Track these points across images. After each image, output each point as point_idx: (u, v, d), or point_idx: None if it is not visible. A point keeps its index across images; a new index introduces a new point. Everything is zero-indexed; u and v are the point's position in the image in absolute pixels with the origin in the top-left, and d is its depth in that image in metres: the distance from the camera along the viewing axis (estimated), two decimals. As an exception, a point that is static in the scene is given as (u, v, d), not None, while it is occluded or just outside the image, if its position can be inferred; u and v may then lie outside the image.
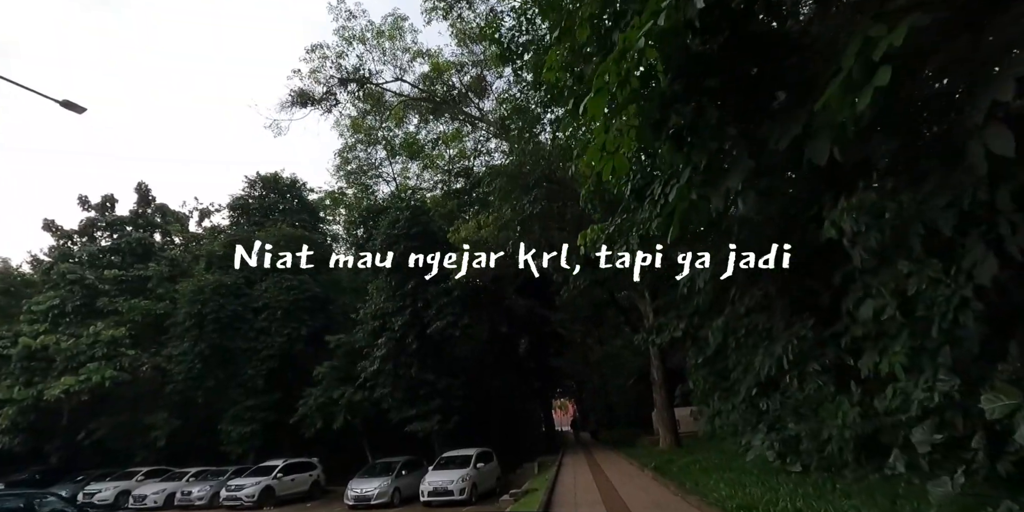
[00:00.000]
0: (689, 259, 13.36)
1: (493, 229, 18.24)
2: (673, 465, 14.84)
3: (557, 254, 21.76)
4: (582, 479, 15.36)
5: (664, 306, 18.09)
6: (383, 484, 20.56)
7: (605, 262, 19.29)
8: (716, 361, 15.40)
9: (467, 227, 19.85)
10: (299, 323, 28.04)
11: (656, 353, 20.28)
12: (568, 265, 24.02)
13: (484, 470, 20.83)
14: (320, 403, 25.93)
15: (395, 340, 23.78)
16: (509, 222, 17.01)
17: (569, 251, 20.10)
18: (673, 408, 19.82)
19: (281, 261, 24.22)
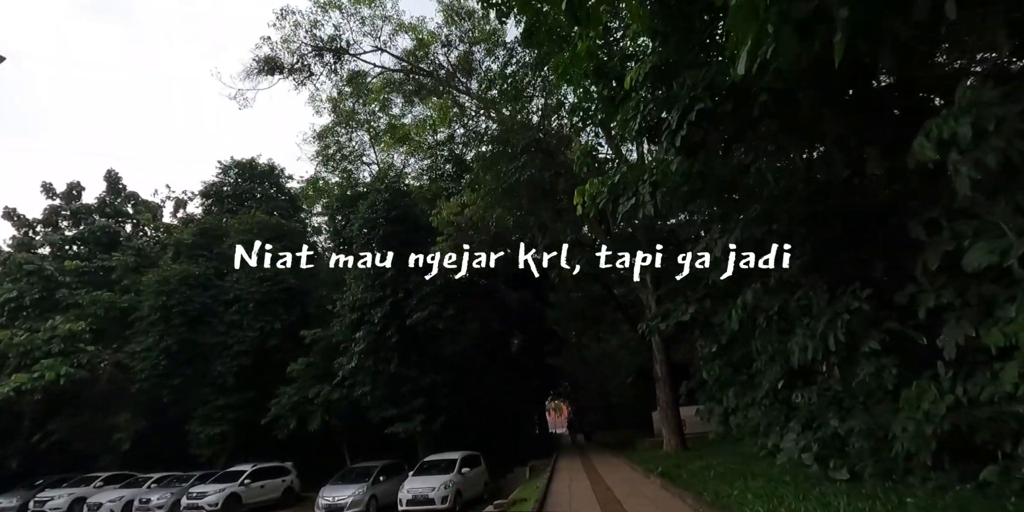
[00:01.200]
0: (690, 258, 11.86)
1: (478, 208, 16.28)
2: (682, 470, 12.90)
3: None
4: (578, 487, 13.38)
5: (670, 293, 16.17)
6: (358, 491, 18.61)
7: (606, 262, 17.69)
8: (732, 350, 13.47)
9: (449, 206, 17.93)
10: (273, 317, 25.98)
11: (659, 346, 18.36)
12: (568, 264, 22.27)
13: (470, 476, 18.88)
14: (294, 402, 23.89)
15: (374, 334, 21.77)
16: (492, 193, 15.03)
17: (570, 249, 18.49)
18: (678, 407, 17.87)
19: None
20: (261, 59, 20.26)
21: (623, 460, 18.35)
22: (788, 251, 9.19)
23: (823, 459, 8.74)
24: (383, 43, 22.96)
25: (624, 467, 16.75)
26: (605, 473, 15.50)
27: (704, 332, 14.44)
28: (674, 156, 6.81)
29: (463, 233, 18.88)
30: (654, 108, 6.88)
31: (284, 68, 20.78)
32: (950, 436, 6.14)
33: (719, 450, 15.47)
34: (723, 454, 14.47)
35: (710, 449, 16.14)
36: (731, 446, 15.46)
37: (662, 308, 14.32)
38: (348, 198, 23.57)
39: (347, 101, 28.22)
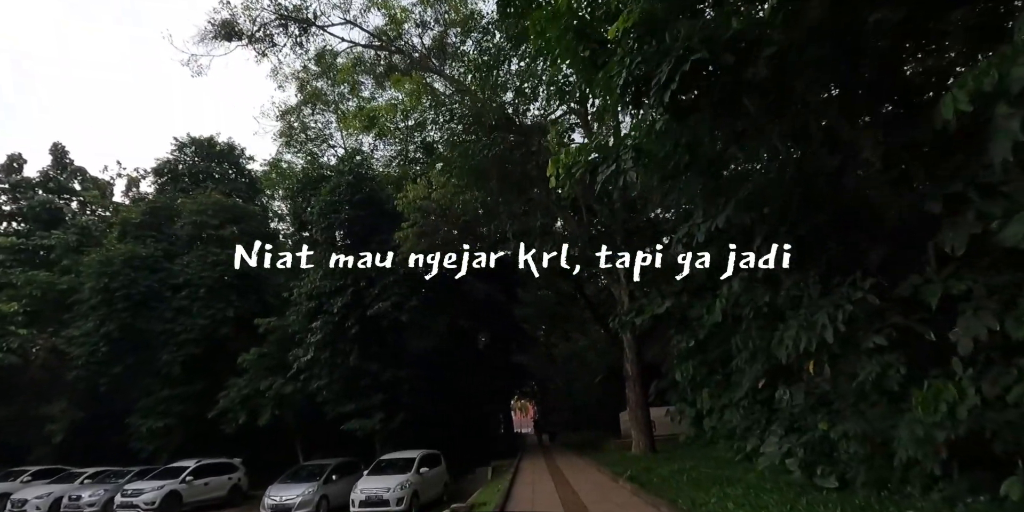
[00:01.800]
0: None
1: (447, 191, 15.23)
2: (653, 475, 12.09)
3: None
4: (542, 491, 12.47)
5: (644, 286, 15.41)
6: (307, 491, 17.47)
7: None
8: (709, 347, 12.71)
9: (415, 188, 16.81)
10: (225, 304, 24.47)
11: (630, 343, 17.58)
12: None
13: (428, 476, 17.87)
14: (244, 395, 22.50)
15: (333, 324, 20.54)
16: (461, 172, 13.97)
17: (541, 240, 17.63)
18: (648, 407, 17.12)
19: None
20: (218, 23, 18.81)
21: (590, 462, 17.52)
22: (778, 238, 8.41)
23: (809, 465, 7.98)
24: (353, 17, 21.69)
25: (591, 469, 15.90)
26: (571, 476, 14.62)
27: (680, 328, 13.69)
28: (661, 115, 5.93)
29: (430, 219, 17.79)
30: (642, 62, 5.99)
31: (243, 35, 19.36)
32: (964, 443, 5.38)
33: (690, 453, 14.75)
34: (695, 457, 13.74)
35: (681, 452, 15.42)
36: (703, 449, 14.74)
37: (636, 303, 13.51)
38: (310, 180, 22.25)
39: (314, 81, 26.83)
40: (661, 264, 12.90)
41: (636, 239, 14.04)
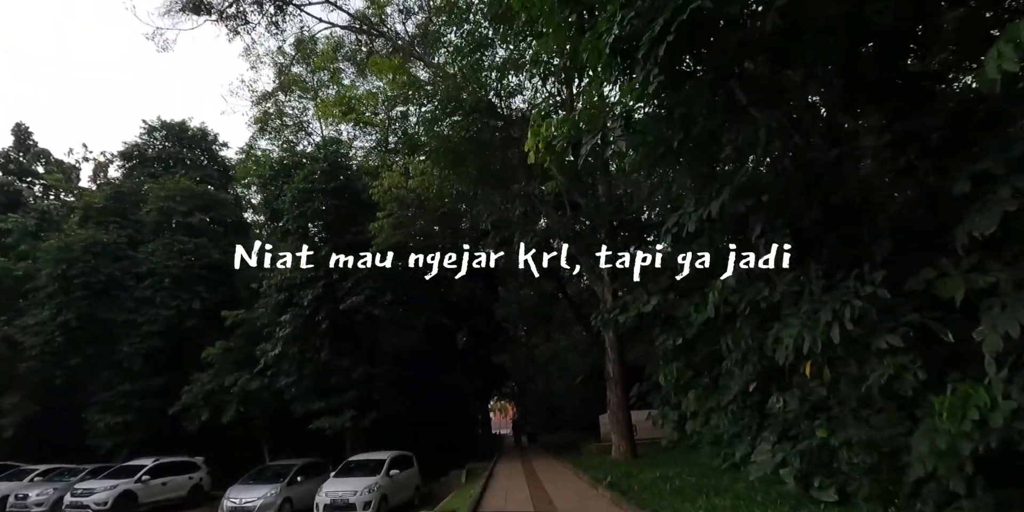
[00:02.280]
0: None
1: (424, 179, 14.38)
2: (634, 481, 11.37)
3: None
4: (516, 498, 11.69)
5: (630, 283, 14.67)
6: (270, 493, 16.60)
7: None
8: (696, 348, 12.04)
9: (391, 176, 15.95)
10: (192, 295, 23.35)
11: (613, 344, 16.87)
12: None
13: (399, 478, 17.04)
14: (208, 391, 21.43)
15: (302, 318, 19.58)
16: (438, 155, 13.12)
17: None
18: (629, 410, 16.41)
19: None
20: (186, -8, 17.76)
21: (568, 466, 16.77)
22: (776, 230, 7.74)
23: (805, 476, 7.29)
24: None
25: (568, 474, 15.16)
26: (547, 481, 13.85)
27: (665, 327, 12.99)
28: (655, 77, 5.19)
29: (406, 210, 16.94)
30: (635, 17, 5.24)
31: (212, 9, 18.34)
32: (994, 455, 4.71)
33: (673, 459, 14.07)
34: (678, 463, 13.07)
35: (662, 457, 14.74)
36: (685, 454, 14.07)
37: (620, 301, 12.79)
38: (284, 168, 21.27)
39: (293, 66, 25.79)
40: (661, 265, 12.18)
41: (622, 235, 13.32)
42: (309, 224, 19.76)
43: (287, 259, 19.28)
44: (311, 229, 20.21)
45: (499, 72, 13.51)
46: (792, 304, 7.28)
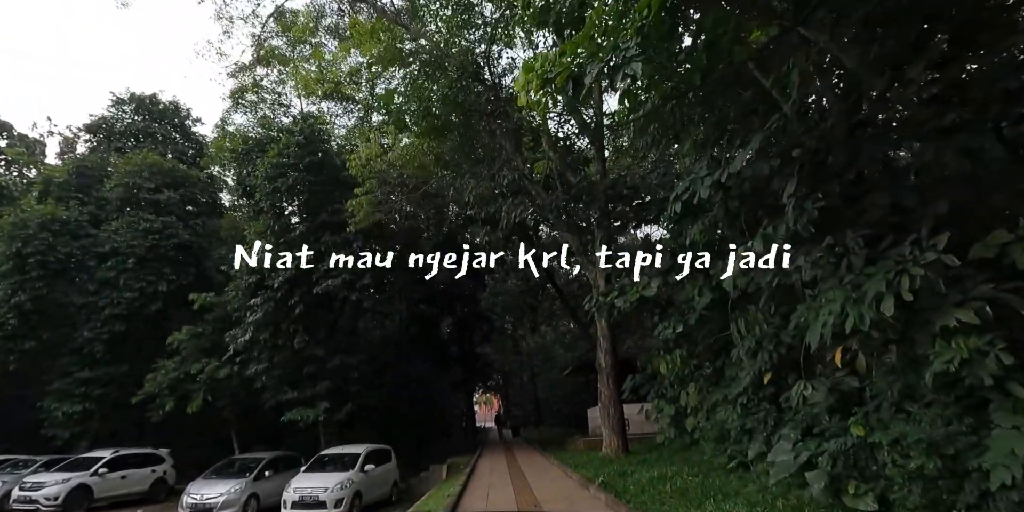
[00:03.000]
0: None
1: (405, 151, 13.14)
2: (629, 481, 10.33)
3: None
4: (499, 499, 10.58)
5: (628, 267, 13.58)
6: (234, 489, 15.43)
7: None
8: (700, 334, 11.02)
9: (369, 149, 14.68)
10: (157, 276, 21.90)
11: (605, 333, 15.78)
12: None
13: (375, 474, 15.92)
14: (173, 379, 20.07)
15: (274, 301, 18.28)
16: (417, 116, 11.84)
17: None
18: (622, 404, 15.36)
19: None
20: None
21: (555, 462, 15.74)
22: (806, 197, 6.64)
23: (835, 480, 6.24)
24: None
25: (555, 471, 14.10)
26: (533, 479, 12.76)
27: (664, 314, 11.94)
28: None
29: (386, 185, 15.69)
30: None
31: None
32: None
33: (669, 456, 13.05)
34: (675, 462, 12.04)
35: (657, 454, 13.70)
36: (682, 452, 13.06)
37: (618, 283, 11.66)
38: (257, 142, 19.89)
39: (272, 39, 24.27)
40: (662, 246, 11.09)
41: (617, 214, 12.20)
42: (283, 202, 18.42)
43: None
44: (285, 208, 18.87)
45: (486, 30, 12.23)
46: (830, 276, 6.16)
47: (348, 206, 17.30)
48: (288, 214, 18.89)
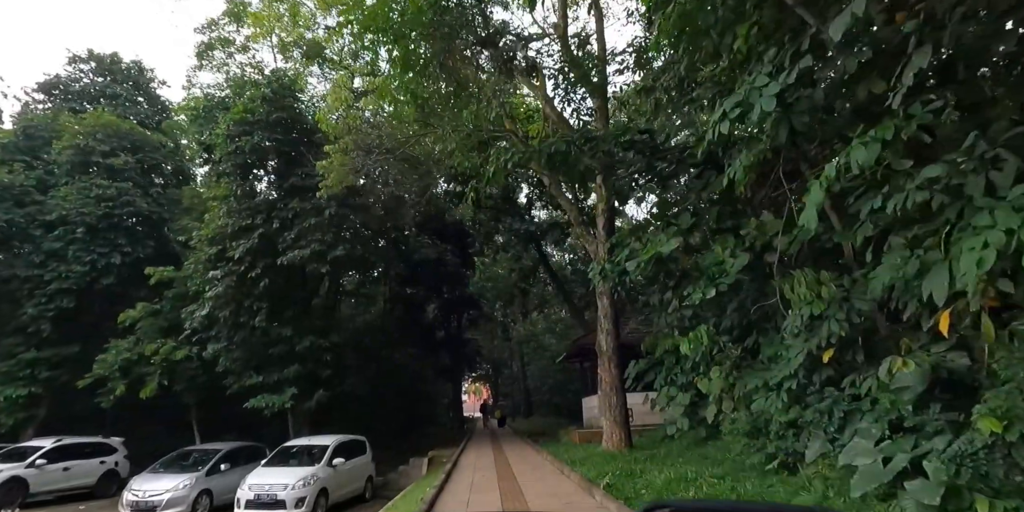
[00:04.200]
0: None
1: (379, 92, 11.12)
2: (638, 483, 8.53)
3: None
4: (480, 501, 8.71)
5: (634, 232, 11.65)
6: (182, 484, 13.62)
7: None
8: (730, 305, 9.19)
9: (338, 94, 12.65)
10: (111, 248, 19.78)
11: (607, 311, 13.91)
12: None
13: (345, 469, 14.11)
14: (125, 361, 18.07)
15: (236, 274, 16.26)
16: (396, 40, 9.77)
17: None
18: (625, 392, 13.54)
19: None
20: None
21: (548, 457, 13.92)
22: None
23: (954, 492, 4.41)
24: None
25: (549, 468, 12.27)
26: (525, 479, 10.88)
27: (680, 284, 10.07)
28: None
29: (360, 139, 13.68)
30: None
31: None
32: None
33: (678, 452, 11.28)
34: (689, 459, 10.24)
35: (665, 449, 11.91)
36: (695, 447, 11.29)
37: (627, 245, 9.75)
38: (220, 100, 17.79)
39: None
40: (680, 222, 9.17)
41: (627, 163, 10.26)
42: (248, 163, 16.31)
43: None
44: (250, 170, 16.77)
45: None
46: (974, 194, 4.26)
47: (319, 167, 15.28)
48: (253, 178, 16.83)
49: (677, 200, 9.83)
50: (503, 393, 51.47)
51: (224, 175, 16.69)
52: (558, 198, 15.51)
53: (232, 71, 21.95)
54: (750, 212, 9.12)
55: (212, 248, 16.95)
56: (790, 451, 7.07)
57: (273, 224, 16.04)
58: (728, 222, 9.06)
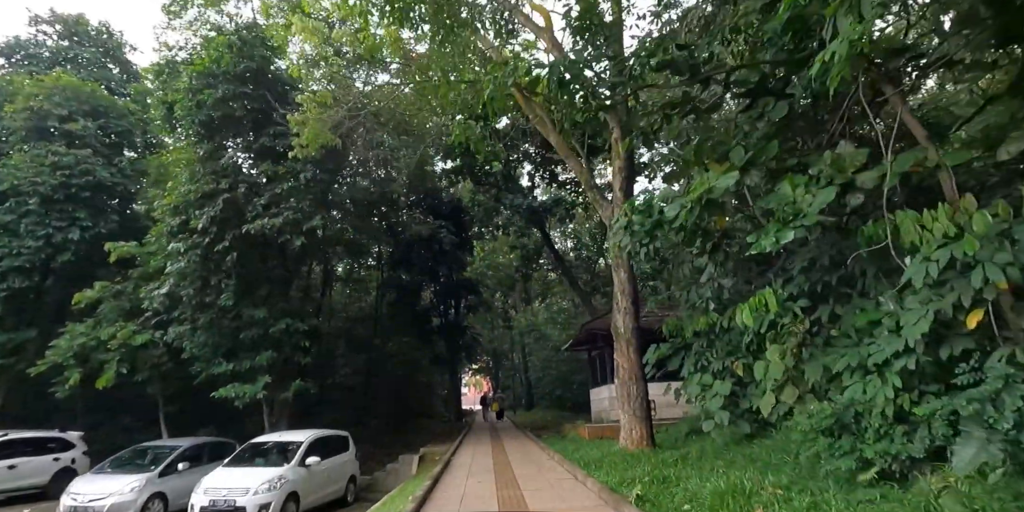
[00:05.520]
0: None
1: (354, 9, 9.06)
2: (676, 494, 6.59)
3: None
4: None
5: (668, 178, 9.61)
6: (129, 487, 11.89)
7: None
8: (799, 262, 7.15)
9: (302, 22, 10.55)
10: (68, 221, 17.77)
11: (625, 286, 11.89)
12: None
13: (321, 469, 12.27)
14: (81, 347, 16.12)
15: (200, 248, 14.25)
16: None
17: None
18: (646, 381, 11.53)
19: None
20: None
21: (556, 457, 11.94)
22: None
23: None
24: None
25: (559, 472, 10.26)
26: (530, 487, 8.77)
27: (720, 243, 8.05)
28: None
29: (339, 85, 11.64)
30: None
31: None
32: None
33: (714, 452, 9.27)
34: (731, 461, 8.24)
35: (697, 448, 9.89)
36: (734, 446, 9.28)
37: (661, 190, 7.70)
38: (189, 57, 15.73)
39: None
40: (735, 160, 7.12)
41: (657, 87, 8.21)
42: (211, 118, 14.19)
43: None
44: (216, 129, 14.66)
45: None
46: None
47: (291, 122, 13.27)
48: (219, 138, 14.77)
49: (717, 141, 7.76)
50: (503, 385, 49.69)
51: (186, 134, 14.66)
52: (567, 160, 13.46)
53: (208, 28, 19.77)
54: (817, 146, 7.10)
55: (175, 219, 14.94)
56: (901, 456, 5.07)
57: (240, 189, 14.00)
58: (792, 160, 7.03)
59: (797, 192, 6.10)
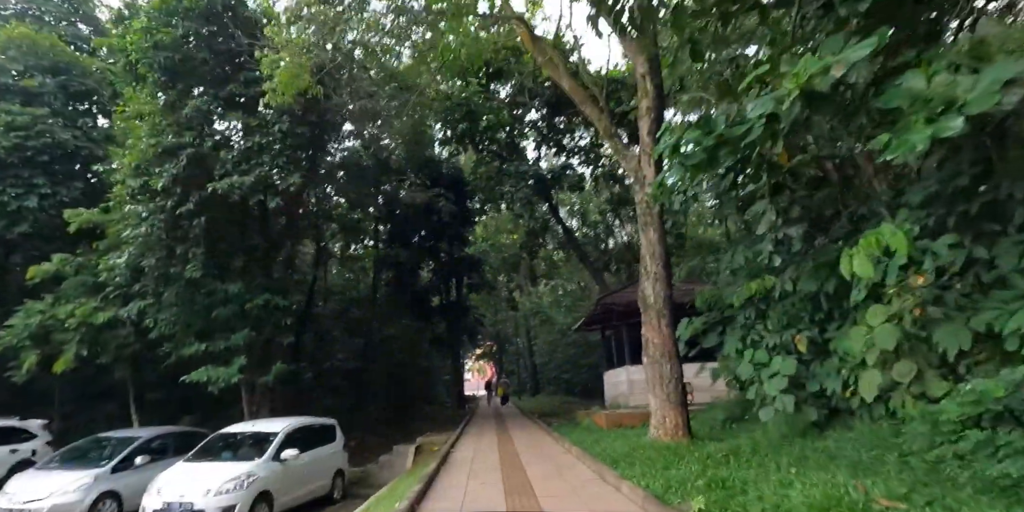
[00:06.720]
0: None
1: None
2: (748, 503, 4.81)
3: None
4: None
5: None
6: (74, 486, 10.29)
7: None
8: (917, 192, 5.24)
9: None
10: (26, 188, 16.00)
11: (655, 248, 10.00)
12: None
13: (299, 464, 10.58)
14: (39, 326, 14.41)
15: (163, 211, 12.44)
16: None
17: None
18: (680, 360, 9.72)
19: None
20: None
21: (573, 450, 10.17)
22: None
23: None
24: None
25: (582, 471, 8.44)
26: (550, 496, 6.91)
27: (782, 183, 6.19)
28: None
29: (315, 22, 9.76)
30: None
31: None
32: None
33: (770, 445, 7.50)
34: (801, 459, 6.46)
35: (745, 441, 8.10)
36: (799, 439, 7.50)
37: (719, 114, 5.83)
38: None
39: None
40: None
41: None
42: (171, 61, 12.27)
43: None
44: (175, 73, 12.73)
45: None
46: None
47: (263, 65, 11.37)
48: (181, 85, 12.86)
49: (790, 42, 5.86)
50: (508, 370, 48.27)
51: (143, 82, 12.77)
52: (582, 106, 11.58)
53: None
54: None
55: (136, 180, 13.09)
56: None
57: (207, 143, 12.14)
58: (908, 54, 5.15)
59: (936, 81, 4.22)
